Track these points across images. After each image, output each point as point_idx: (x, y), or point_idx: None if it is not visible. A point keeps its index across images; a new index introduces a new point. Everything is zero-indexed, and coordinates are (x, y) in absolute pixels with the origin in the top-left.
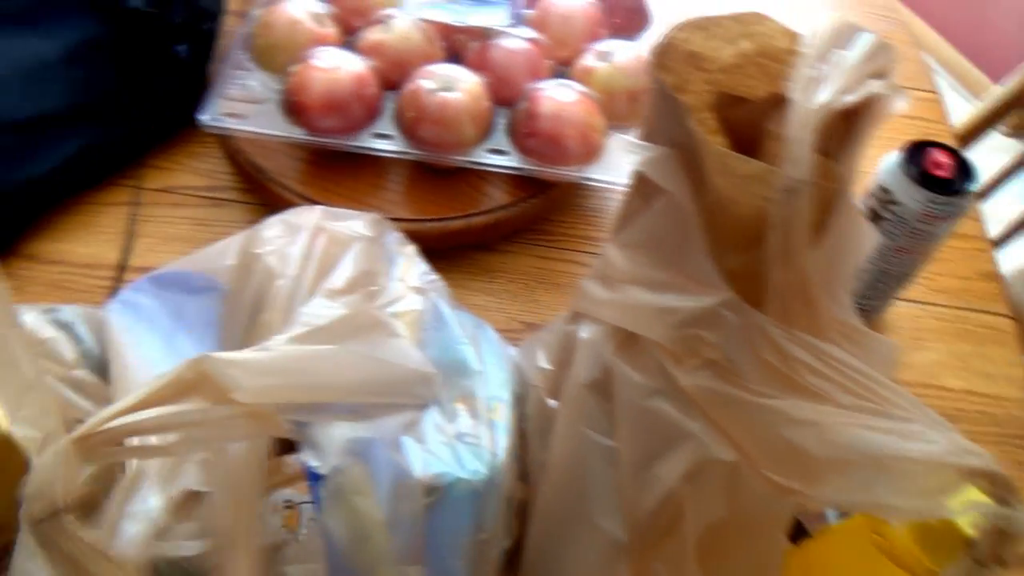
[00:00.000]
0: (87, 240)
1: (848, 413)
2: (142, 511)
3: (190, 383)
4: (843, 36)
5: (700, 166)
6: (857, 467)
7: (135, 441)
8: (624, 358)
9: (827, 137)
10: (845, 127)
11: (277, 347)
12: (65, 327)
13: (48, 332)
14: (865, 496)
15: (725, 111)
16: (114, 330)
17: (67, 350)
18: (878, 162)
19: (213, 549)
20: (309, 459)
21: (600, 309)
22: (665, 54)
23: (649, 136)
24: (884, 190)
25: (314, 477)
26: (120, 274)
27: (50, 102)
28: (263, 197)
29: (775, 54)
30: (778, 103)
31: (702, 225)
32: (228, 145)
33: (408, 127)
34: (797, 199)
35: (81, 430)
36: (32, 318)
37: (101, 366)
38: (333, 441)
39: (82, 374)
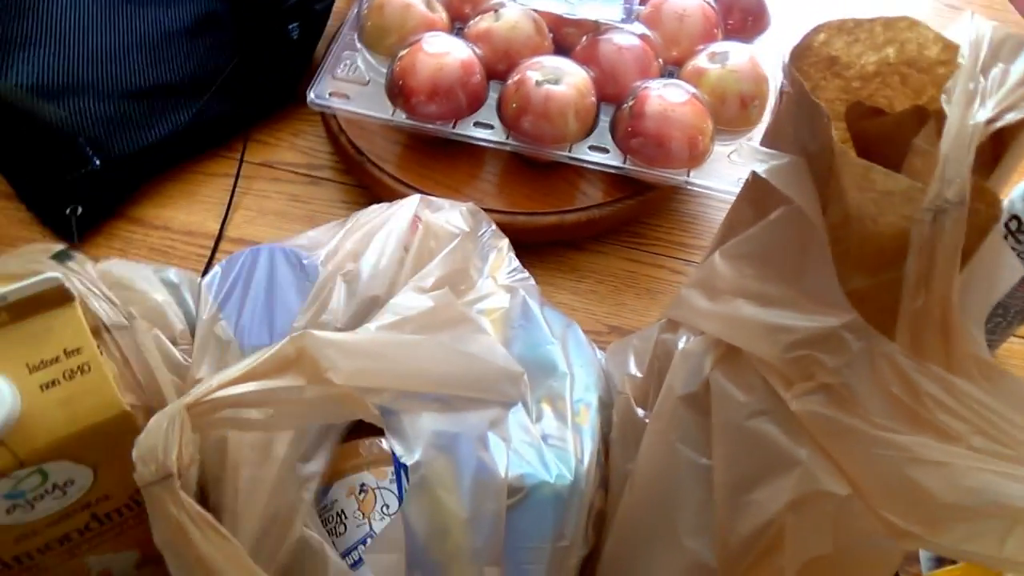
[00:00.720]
0: (189, 208)
1: (982, 457)
2: None
3: (290, 359)
4: (1006, 48)
5: (834, 177)
6: (989, 517)
7: (236, 414)
8: (725, 373)
9: (978, 157)
10: (995, 147)
11: (369, 333)
12: (173, 288)
13: (160, 293)
14: (995, 550)
15: (857, 122)
16: (206, 302)
17: (176, 313)
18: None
19: None
20: (396, 447)
21: (701, 320)
22: (802, 56)
23: (775, 141)
24: (1015, 218)
25: (399, 466)
26: (217, 243)
27: (168, 73)
28: (360, 178)
29: (923, 64)
30: (921, 118)
31: (828, 241)
32: (330, 125)
33: (510, 118)
34: (948, 221)
35: (191, 397)
36: (147, 275)
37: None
38: (420, 432)
39: (188, 337)
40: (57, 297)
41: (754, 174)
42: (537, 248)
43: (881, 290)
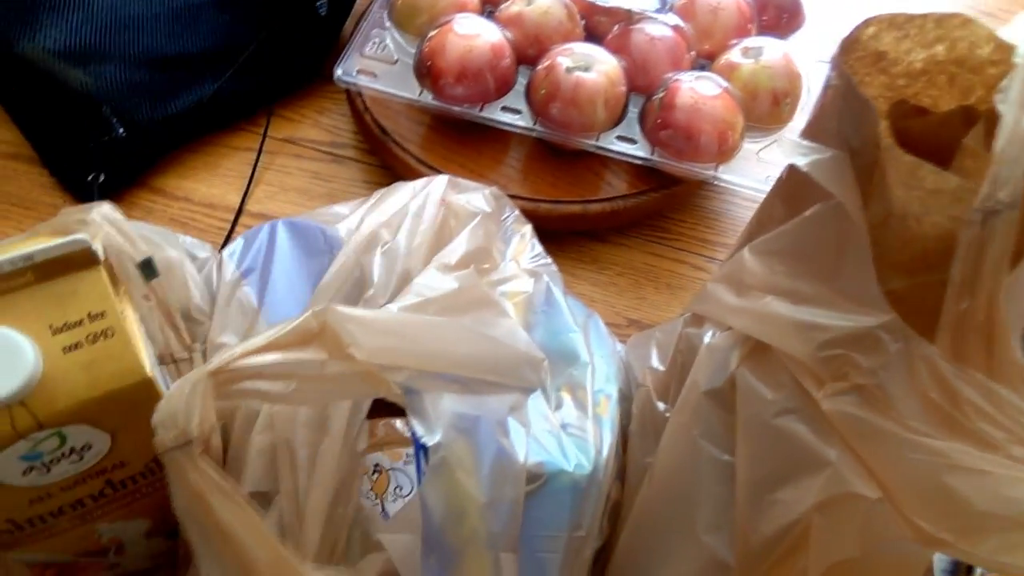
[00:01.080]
0: (210, 181)
1: (1022, 467)
2: None
3: (312, 332)
4: None
5: (878, 174)
6: None
7: (258, 384)
8: (753, 370)
9: None
10: None
11: (392, 312)
12: (194, 258)
13: (186, 264)
14: None
15: (900, 121)
16: (228, 270)
17: (196, 282)
18: None
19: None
20: (417, 428)
21: (729, 315)
22: (849, 49)
23: (817, 135)
24: None
25: (419, 447)
26: (237, 217)
27: (194, 44)
28: (382, 159)
29: (973, 64)
30: (968, 118)
31: (868, 239)
32: (355, 103)
33: (539, 104)
34: (999, 223)
35: (214, 364)
36: (171, 239)
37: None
38: (441, 413)
39: (204, 307)
40: (83, 260)
41: (789, 169)
42: (558, 237)
43: (921, 291)
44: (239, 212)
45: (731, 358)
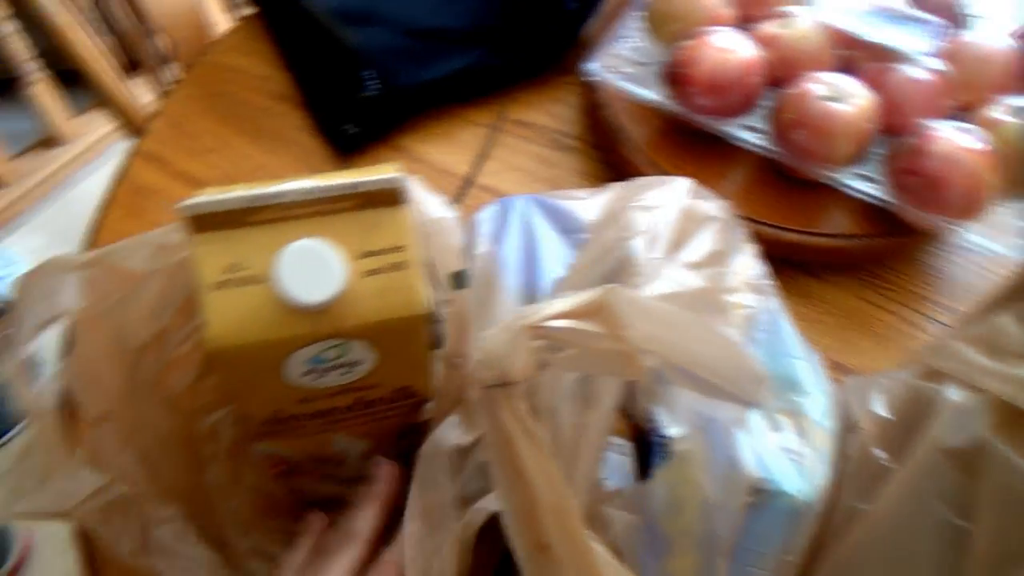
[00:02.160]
0: (446, 148)
1: None
2: None
3: (598, 307)
4: None
5: None
6: None
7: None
8: (1009, 438)
9: None
10: None
11: (659, 301)
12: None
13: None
14: None
15: None
16: (481, 234)
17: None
18: None
19: None
20: (661, 417)
21: (982, 377)
22: None
23: None
24: None
25: (657, 435)
26: (465, 187)
27: (451, 20)
28: (608, 154)
29: None
30: None
31: None
32: (591, 98)
33: (782, 127)
34: None
35: (531, 318)
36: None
37: None
38: (684, 407)
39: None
40: (395, 197)
41: None
42: (770, 263)
43: None
44: (469, 183)
45: (980, 422)
